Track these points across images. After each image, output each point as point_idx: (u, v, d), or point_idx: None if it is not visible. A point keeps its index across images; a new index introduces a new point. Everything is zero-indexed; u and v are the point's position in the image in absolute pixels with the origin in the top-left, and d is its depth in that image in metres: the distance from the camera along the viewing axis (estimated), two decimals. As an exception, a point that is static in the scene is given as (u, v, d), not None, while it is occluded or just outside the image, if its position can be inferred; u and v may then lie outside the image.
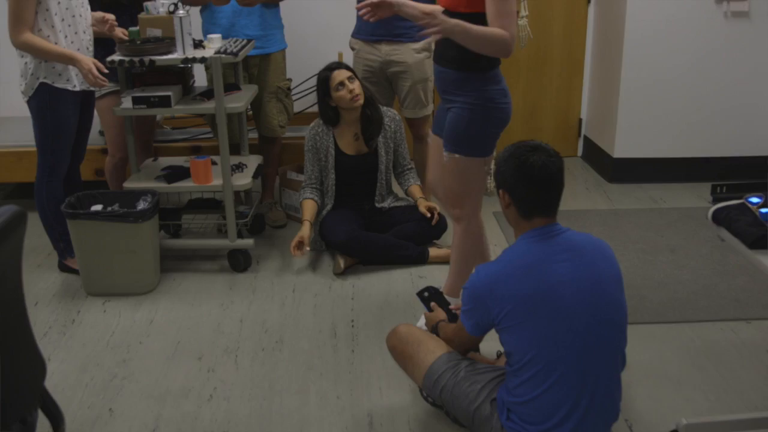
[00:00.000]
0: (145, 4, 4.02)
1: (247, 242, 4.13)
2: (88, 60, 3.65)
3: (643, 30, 5.06)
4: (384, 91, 4.44)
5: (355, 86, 4.11)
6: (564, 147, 5.77)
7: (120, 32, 3.92)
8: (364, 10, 3.06)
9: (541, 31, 5.53)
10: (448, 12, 3.00)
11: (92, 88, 3.90)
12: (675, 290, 3.86)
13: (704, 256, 4.22)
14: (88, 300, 3.88)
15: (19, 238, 1.95)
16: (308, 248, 4.03)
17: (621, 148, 5.33)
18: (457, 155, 3.10)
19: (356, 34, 4.44)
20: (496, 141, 3.16)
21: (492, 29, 2.86)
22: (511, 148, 2.45)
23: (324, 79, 4.14)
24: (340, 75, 4.10)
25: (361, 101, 4.14)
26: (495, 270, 2.40)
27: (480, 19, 2.90)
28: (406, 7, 2.95)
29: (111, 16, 3.90)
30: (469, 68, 2.98)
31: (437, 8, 2.96)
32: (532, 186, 2.38)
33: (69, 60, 3.64)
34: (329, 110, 4.20)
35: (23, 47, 3.60)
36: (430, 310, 2.99)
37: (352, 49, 4.48)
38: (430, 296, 3.03)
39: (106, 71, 3.69)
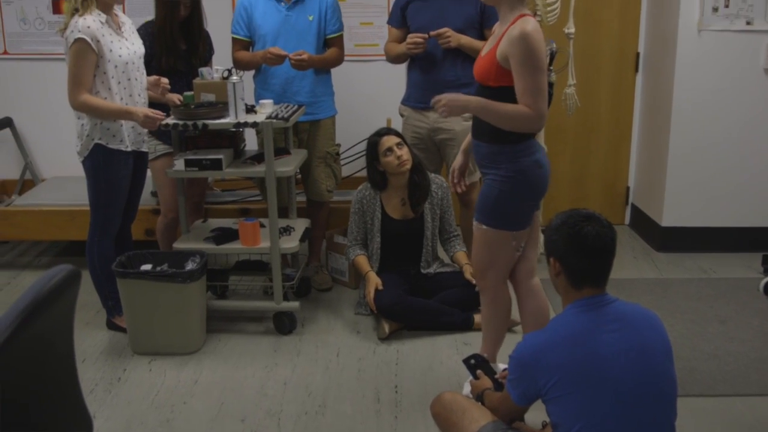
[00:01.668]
0: (200, 69, 4.14)
1: (293, 305, 4.15)
2: (141, 109, 3.77)
3: (692, 98, 5.05)
4: (432, 157, 4.48)
5: (404, 152, 4.15)
6: (611, 215, 5.74)
7: (174, 97, 4.02)
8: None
9: (589, 99, 5.55)
10: (480, 86, 3.08)
11: (144, 149, 4.00)
12: (725, 362, 3.78)
13: (755, 328, 4.14)
14: (135, 358, 3.92)
15: (72, 296, 1.98)
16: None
17: (669, 217, 5.28)
18: (484, 227, 3.12)
19: (405, 101, 4.50)
20: (529, 215, 3.17)
21: (514, 107, 2.94)
22: (563, 216, 2.44)
23: (373, 144, 4.19)
24: (389, 141, 4.15)
25: (408, 167, 4.18)
26: (542, 339, 2.38)
27: (509, 92, 2.96)
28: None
29: (164, 80, 4.01)
30: (500, 141, 3.02)
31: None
32: (585, 256, 2.37)
33: (125, 114, 3.75)
34: (377, 175, 4.24)
35: (82, 108, 3.71)
36: (476, 377, 2.97)
37: (401, 115, 4.53)
38: (476, 364, 3.01)
39: (161, 114, 3.79)
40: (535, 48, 2.89)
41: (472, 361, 3.03)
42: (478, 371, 2.97)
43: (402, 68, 4.71)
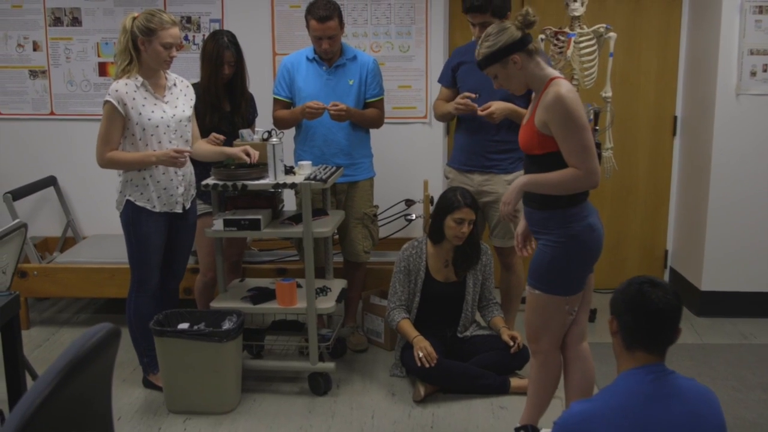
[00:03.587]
0: (240, 131, 4.21)
1: (328, 366, 4.14)
2: (163, 152, 3.84)
3: (730, 162, 5.03)
4: (476, 220, 4.46)
5: (467, 231, 4.14)
6: (650, 278, 5.67)
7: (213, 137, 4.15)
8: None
9: (626, 162, 5.55)
10: (526, 155, 3.10)
11: (178, 210, 4.03)
12: (768, 432, 3.71)
13: (799, 396, 4.06)
14: (170, 417, 3.91)
15: (111, 355, 1.99)
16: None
17: (709, 281, 5.22)
18: (537, 291, 3.11)
19: (451, 163, 4.51)
20: (582, 279, 3.15)
21: (562, 172, 2.95)
22: (633, 279, 2.44)
23: (450, 203, 4.14)
24: (466, 214, 4.11)
25: (460, 243, 4.18)
26: (590, 408, 2.33)
27: (555, 158, 2.97)
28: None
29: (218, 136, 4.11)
30: (550, 207, 3.03)
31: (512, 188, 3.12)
32: (640, 315, 2.35)
33: (148, 158, 3.82)
34: (438, 226, 4.23)
35: (108, 164, 3.83)
36: None
37: (447, 177, 4.54)
38: None
39: (185, 151, 3.87)
40: (572, 108, 2.90)
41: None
42: None
43: (439, 132, 4.74)
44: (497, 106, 4.09)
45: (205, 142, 4.12)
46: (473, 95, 4.15)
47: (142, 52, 3.78)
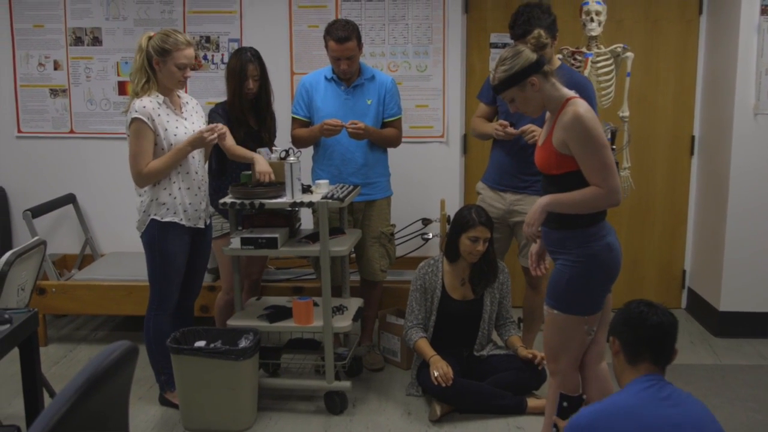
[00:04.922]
0: (258, 149, 4.22)
1: (345, 384, 4.13)
2: (194, 136, 3.86)
3: (748, 181, 5.01)
4: (504, 238, 4.44)
5: (482, 249, 4.15)
6: (667, 299, 5.64)
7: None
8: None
9: (644, 182, 5.53)
10: (544, 175, 3.10)
11: (200, 226, 4.06)
12: (788, 454, 3.67)
13: (819, 419, 4.02)
14: (186, 435, 3.93)
15: (129, 372, 2.00)
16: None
17: (727, 301, 5.18)
18: (555, 311, 3.10)
19: (485, 180, 4.49)
20: (601, 299, 3.14)
21: (584, 191, 2.96)
22: (627, 303, 2.60)
23: (465, 222, 4.15)
24: (481, 233, 4.12)
25: (475, 261, 4.19)
26: (599, 408, 2.44)
27: (573, 177, 2.97)
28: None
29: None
30: (568, 227, 3.03)
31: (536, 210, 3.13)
32: (642, 329, 2.47)
33: (184, 149, 3.84)
34: (454, 245, 4.24)
35: (148, 178, 3.82)
36: None
37: (478, 193, 4.52)
38: None
39: (216, 127, 3.88)
40: (591, 127, 2.91)
41: None
42: None
43: (456, 151, 4.74)
44: (537, 128, 4.09)
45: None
46: (508, 123, 4.15)
47: (157, 72, 3.81)
